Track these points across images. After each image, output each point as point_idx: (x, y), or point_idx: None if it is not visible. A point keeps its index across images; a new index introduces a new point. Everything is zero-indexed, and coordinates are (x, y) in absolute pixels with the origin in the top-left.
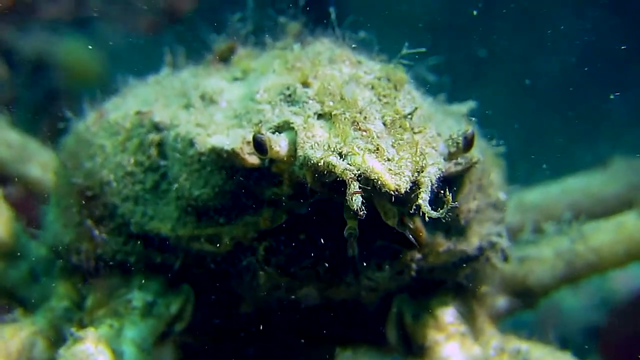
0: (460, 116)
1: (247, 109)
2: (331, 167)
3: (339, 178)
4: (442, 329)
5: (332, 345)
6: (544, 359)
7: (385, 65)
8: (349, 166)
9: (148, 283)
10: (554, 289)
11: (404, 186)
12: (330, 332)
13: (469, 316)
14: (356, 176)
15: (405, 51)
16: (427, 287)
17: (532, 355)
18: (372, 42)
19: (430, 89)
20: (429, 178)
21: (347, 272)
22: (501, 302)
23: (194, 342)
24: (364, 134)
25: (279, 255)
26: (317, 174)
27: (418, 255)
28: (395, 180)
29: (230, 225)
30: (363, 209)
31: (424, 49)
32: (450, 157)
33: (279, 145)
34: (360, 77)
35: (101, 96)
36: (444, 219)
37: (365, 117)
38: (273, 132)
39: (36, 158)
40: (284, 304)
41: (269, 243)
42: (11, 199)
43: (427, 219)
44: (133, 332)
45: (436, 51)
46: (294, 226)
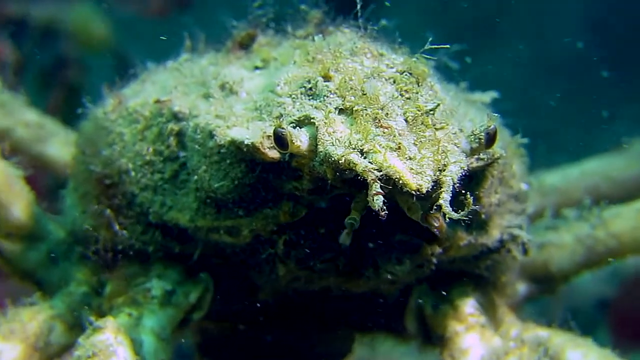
0: (482, 106)
1: (268, 101)
2: (352, 165)
3: (359, 176)
4: (462, 320)
5: (350, 332)
6: (565, 345)
7: (407, 58)
8: (370, 165)
9: (167, 272)
10: (574, 274)
11: (426, 186)
12: (349, 320)
13: (488, 307)
14: (377, 176)
15: (428, 46)
16: (447, 278)
17: (552, 343)
18: (394, 30)
19: (453, 76)
20: (451, 177)
21: (367, 266)
22: (521, 288)
23: (212, 328)
24: (386, 131)
25: (299, 248)
26: (337, 171)
27: (439, 249)
28: (417, 180)
29: (249, 218)
30: (385, 209)
31: (448, 45)
32: (473, 152)
33: (300, 140)
34: (382, 71)
35: (119, 82)
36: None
37: (387, 114)
38: (294, 127)
39: (54, 137)
40: (303, 294)
41: (288, 236)
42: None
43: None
44: (152, 321)
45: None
46: (313, 220)
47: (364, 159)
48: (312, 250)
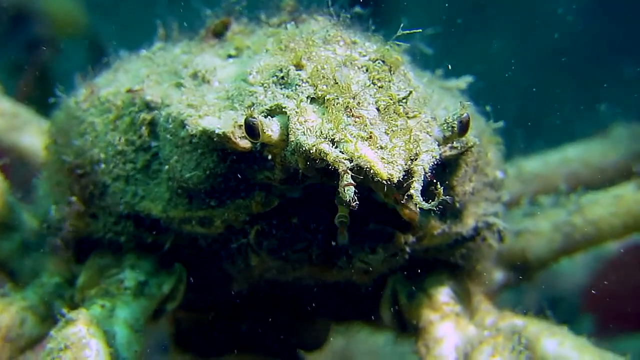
0: (458, 92)
1: (240, 90)
2: (323, 154)
3: (330, 166)
4: (437, 308)
5: (325, 322)
6: (541, 333)
7: (380, 45)
8: (341, 154)
9: (140, 263)
10: (551, 262)
11: (397, 175)
12: (324, 310)
13: (464, 295)
14: (348, 166)
15: (400, 32)
16: (421, 267)
17: (527, 332)
18: (368, 18)
19: (428, 62)
20: (422, 166)
21: (340, 256)
22: (497, 275)
23: (187, 318)
24: (357, 120)
25: (271, 238)
26: (309, 160)
27: (412, 238)
28: (388, 170)
29: (221, 208)
30: (356, 199)
31: (420, 29)
32: (446, 141)
33: (271, 129)
34: (354, 59)
35: (92, 71)
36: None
37: (358, 103)
38: (265, 116)
39: (28, 126)
40: (277, 283)
41: (260, 227)
42: None
43: (417, 211)
44: (125, 313)
45: None
46: (286, 210)
47: (335, 148)
48: (285, 240)
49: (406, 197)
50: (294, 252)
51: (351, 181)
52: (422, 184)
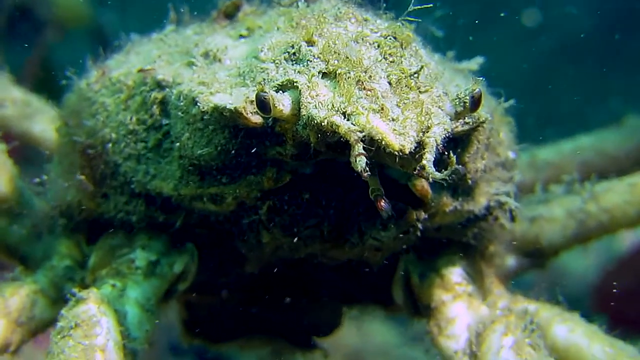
0: (469, 73)
1: (251, 67)
2: (335, 127)
3: (342, 139)
4: (449, 289)
5: (337, 305)
6: (552, 319)
7: (392, 23)
8: (352, 126)
9: (151, 242)
10: (564, 249)
11: (409, 146)
12: (335, 292)
13: (476, 276)
14: (360, 137)
15: (412, 7)
16: (434, 247)
17: (539, 316)
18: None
19: (439, 45)
20: (434, 138)
21: (352, 232)
22: (510, 261)
23: (198, 301)
24: (369, 93)
25: (283, 215)
26: (320, 134)
27: (424, 215)
28: (399, 141)
29: (233, 185)
30: (367, 170)
31: (430, 5)
32: (457, 116)
33: (283, 104)
34: (366, 36)
35: (104, 54)
36: (450, 180)
37: (370, 77)
38: (276, 91)
39: (40, 114)
40: (289, 262)
41: (272, 202)
42: None
43: (431, 180)
44: (136, 292)
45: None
46: (297, 186)
47: (347, 121)
48: (297, 216)
49: (419, 167)
50: (306, 228)
51: (363, 151)
52: (435, 156)
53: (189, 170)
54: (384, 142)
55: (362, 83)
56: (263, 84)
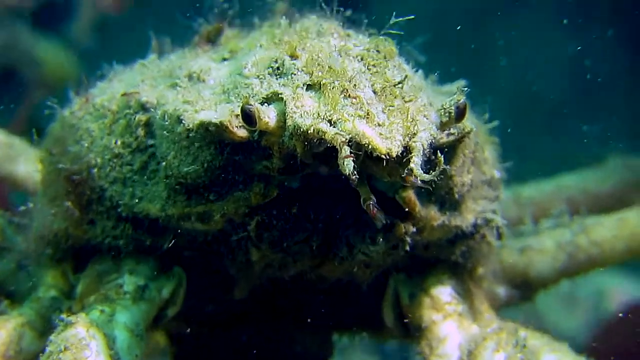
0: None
1: (235, 83)
2: (321, 133)
3: (329, 144)
4: (439, 308)
5: (328, 331)
6: (542, 348)
7: (374, 37)
8: (339, 131)
9: (139, 267)
10: (553, 282)
11: (396, 150)
12: (326, 318)
13: (466, 296)
14: (347, 141)
15: (394, 20)
16: (423, 268)
17: (528, 343)
18: (361, 20)
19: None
20: (421, 143)
21: (341, 247)
22: (499, 291)
23: (186, 332)
24: (354, 101)
25: (272, 230)
26: (307, 143)
27: (412, 228)
28: (386, 144)
29: (220, 202)
30: (355, 173)
31: (413, 16)
32: (443, 126)
33: (268, 116)
34: (349, 49)
35: (86, 84)
36: (435, 190)
37: (354, 85)
38: (262, 104)
39: (23, 156)
40: (278, 285)
41: (260, 218)
42: None
43: (420, 184)
44: (125, 317)
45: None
46: (285, 201)
47: (333, 127)
48: (285, 231)
49: (406, 171)
50: (295, 243)
51: (349, 153)
52: (421, 162)
53: (175, 189)
54: (370, 146)
55: (347, 91)
56: (248, 97)
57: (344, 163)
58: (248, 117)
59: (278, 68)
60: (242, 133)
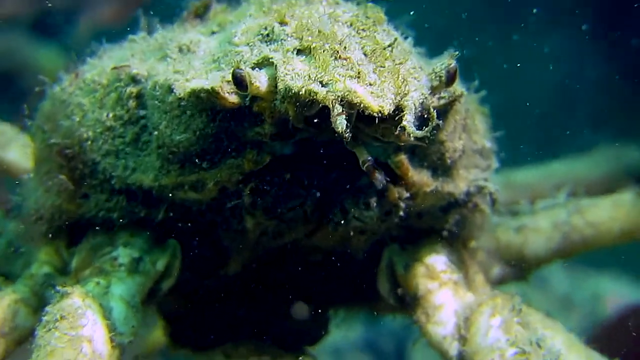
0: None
1: (225, 52)
2: (313, 94)
3: (321, 104)
4: (435, 277)
5: (324, 306)
6: (535, 324)
7: (363, 4)
8: (331, 91)
9: (133, 240)
10: (546, 261)
11: (387, 107)
12: (321, 292)
13: (460, 266)
14: (339, 100)
15: None
16: (417, 238)
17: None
18: None
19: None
20: (412, 102)
21: (335, 211)
22: (495, 270)
23: (183, 305)
24: (345, 62)
25: (265, 196)
26: (299, 106)
27: (406, 193)
28: (378, 102)
29: (213, 170)
30: (348, 131)
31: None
32: (433, 90)
33: (259, 80)
34: (338, 15)
35: (76, 61)
36: (427, 156)
37: (345, 47)
38: (252, 70)
39: (14, 142)
40: (273, 258)
41: (254, 185)
42: None
43: (414, 141)
44: (120, 289)
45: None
46: (278, 167)
47: (324, 88)
48: (279, 198)
49: (399, 129)
50: (289, 209)
51: (341, 110)
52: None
53: (168, 159)
54: (362, 105)
55: (338, 53)
56: (239, 62)
57: (336, 121)
58: (239, 82)
59: (268, 35)
60: (233, 99)
